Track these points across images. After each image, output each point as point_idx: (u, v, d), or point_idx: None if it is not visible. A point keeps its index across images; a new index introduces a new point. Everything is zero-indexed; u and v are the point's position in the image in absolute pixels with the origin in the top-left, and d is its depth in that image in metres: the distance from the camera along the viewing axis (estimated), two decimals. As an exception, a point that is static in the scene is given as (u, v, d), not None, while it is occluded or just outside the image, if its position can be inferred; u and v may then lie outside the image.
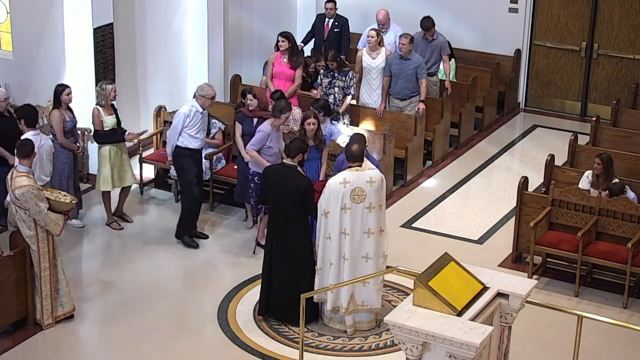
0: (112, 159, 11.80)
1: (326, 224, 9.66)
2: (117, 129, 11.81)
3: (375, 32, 13.92)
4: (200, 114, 11.48)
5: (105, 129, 11.71)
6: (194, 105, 11.48)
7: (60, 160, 11.48)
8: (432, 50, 14.59)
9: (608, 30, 15.72)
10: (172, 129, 11.54)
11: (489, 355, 7.72)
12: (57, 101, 11.61)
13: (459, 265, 7.69)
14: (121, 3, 13.38)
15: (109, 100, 11.74)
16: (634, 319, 10.23)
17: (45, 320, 9.87)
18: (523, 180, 11.40)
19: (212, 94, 11.50)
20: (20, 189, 9.46)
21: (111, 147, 11.79)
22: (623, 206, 10.83)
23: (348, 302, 9.74)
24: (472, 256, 11.24)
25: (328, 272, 9.72)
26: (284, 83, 13.41)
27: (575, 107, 16.23)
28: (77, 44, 12.89)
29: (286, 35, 13.50)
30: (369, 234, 9.60)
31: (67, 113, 11.64)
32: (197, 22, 14.47)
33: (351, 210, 9.53)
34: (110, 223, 12.05)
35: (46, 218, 9.54)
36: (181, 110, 11.53)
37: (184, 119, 11.39)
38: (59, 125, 11.51)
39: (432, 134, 14.09)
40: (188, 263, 11.41)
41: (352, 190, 9.51)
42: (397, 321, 7.21)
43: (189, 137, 11.46)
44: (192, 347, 9.77)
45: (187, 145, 11.48)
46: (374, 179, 9.58)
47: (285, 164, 10.06)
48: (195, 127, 11.46)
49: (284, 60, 13.49)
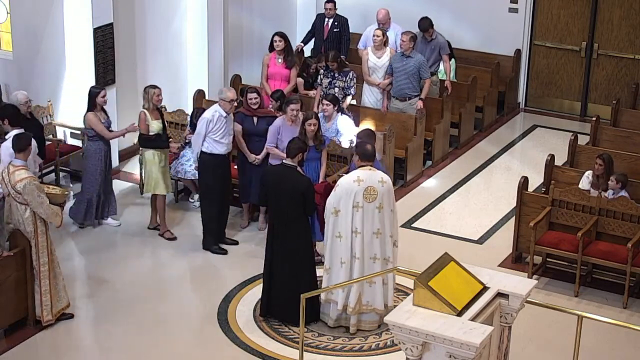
0: (158, 163, 11.73)
1: (335, 223, 9.65)
2: (162, 135, 11.72)
3: (381, 32, 13.94)
4: (225, 118, 11.28)
5: (150, 134, 11.66)
6: (218, 110, 11.29)
7: (92, 160, 11.56)
8: (432, 50, 14.60)
9: (608, 30, 15.72)
10: (196, 135, 11.39)
11: (489, 355, 7.72)
12: (91, 103, 11.57)
13: (459, 265, 7.69)
14: (121, 3, 13.39)
15: (154, 104, 11.65)
16: (634, 319, 10.23)
17: (45, 317, 9.86)
18: (523, 180, 11.41)
19: (230, 97, 11.26)
20: (22, 182, 9.46)
21: (155, 152, 11.70)
22: (623, 206, 10.83)
23: (356, 301, 9.75)
24: (472, 256, 11.24)
25: (338, 271, 9.71)
26: (279, 84, 13.43)
27: (575, 107, 16.23)
28: (77, 44, 12.89)
29: (282, 35, 13.52)
30: (377, 235, 9.60)
31: (101, 114, 11.67)
32: (197, 22, 14.47)
33: (363, 209, 9.53)
34: (163, 233, 11.89)
35: (48, 209, 9.55)
36: (204, 115, 11.37)
37: (206, 124, 11.23)
38: (99, 125, 11.55)
39: (432, 134, 14.09)
40: (188, 263, 11.41)
41: (365, 188, 9.51)
42: (397, 321, 7.21)
43: (214, 142, 11.29)
44: (192, 347, 9.77)
45: (212, 151, 11.31)
46: (384, 180, 9.61)
47: (285, 164, 10.06)
48: (220, 131, 11.27)
49: (279, 60, 13.50)
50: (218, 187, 11.42)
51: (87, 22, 12.72)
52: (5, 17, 13.51)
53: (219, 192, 11.45)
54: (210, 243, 11.55)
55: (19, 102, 11.63)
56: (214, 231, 11.57)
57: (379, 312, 9.85)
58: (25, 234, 9.64)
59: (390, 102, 13.94)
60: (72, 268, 11.03)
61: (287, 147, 10.14)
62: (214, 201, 11.44)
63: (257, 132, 11.71)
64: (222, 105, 11.30)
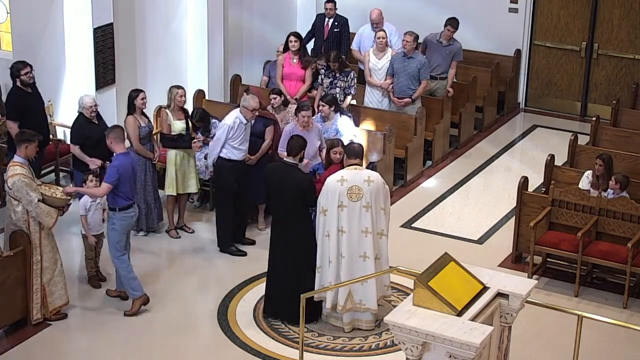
0: (178, 164, 11.68)
1: (324, 222, 9.68)
2: (185, 135, 11.69)
3: (384, 33, 13.94)
4: (244, 125, 11.26)
5: (172, 134, 11.64)
6: (238, 117, 11.24)
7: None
8: (446, 55, 14.47)
9: (608, 30, 15.72)
10: (215, 141, 11.33)
11: (489, 355, 7.73)
12: (131, 107, 11.47)
13: (459, 265, 7.69)
14: (121, 3, 13.38)
15: (177, 103, 11.62)
16: (634, 319, 10.23)
17: (34, 315, 9.85)
18: (523, 180, 11.41)
19: (252, 106, 11.19)
20: (12, 178, 9.49)
21: (177, 152, 11.66)
22: (623, 206, 10.83)
23: (345, 300, 9.75)
24: (472, 256, 11.24)
25: (327, 270, 9.74)
26: (295, 84, 13.44)
27: (575, 107, 16.23)
28: (77, 44, 12.89)
29: (298, 35, 13.54)
30: (366, 233, 9.61)
31: (142, 119, 11.51)
32: (197, 22, 14.47)
33: (348, 208, 9.55)
34: (169, 231, 11.92)
35: (37, 209, 9.54)
36: (225, 122, 11.31)
37: (227, 131, 11.19)
38: (134, 131, 11.38)
39: (432, 134, 14.09)
40: (188, 262, 11.41)
41: (349, 188, 9.53)
42: (397, 321, 7.21)
43: (232, 149, 11.26)
44: (192, 347, 9.77)
45: (229, 157, 11.28)
46: (372, 179, 9.59)
47: (286, 162, 10.09)
48: (239, 138, 11.24)
49: (294, 60, 13.51)
50: (234, 191, 11.38)
51: (87, 22, 12.72)
52: (5, 17, 13.51)
53: (235, 195, 11.41)
54: (227, 245, 11.53)
55: (84, 106, 11.39)
56: (230, 233, 11.54)
57: (374, 312, 9.86)
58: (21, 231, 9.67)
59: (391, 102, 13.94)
60: (72, 267, 11.01)
61: (287, 145, 10.17)
62: (229, 204, 11.42)
63: (253, 132, 11.69)
64: (243, 113, 11.24)
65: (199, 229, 12.12)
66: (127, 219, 10.10)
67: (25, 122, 11.25)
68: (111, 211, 10.10)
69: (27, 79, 11.62)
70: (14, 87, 11.70)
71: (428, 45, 14.57)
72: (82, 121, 11.42)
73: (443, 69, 14.45)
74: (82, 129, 11.36)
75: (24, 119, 11.38)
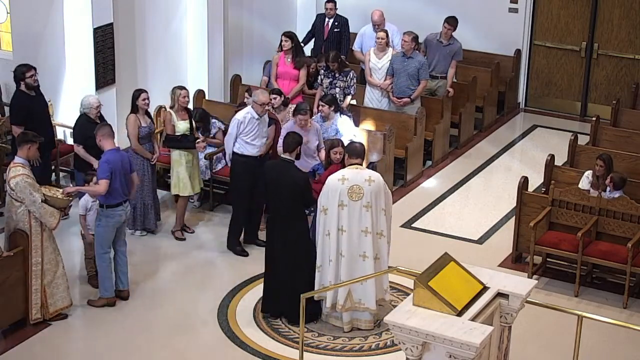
0: (185, 164, 11.68)
1: (325, 221, 9.68)
2: (189, 135, 11.67)
3: (385, 33, 13.95)
4: (257, 120, 11.23)
5: (176, 134, 11.63)
6: (250, 112, 11.25)
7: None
8: (446, 55, 14.48)
9: (608, 30, 15.72)
10: (228, 136, 11.40)
11: (489, 355, 7.73)
12: (134, 106, 11.46)
13: (459, 265, 7.69)
14: (121, 3, 13.39)
15: (180, 104, 11.62)
16: (634, 319, 10.23)
17: (33, 315, 9.85)
18: (523, 180, 11.41)
19: (262, 100, 11.20)
20: (15, 179, 9.48)
21: (181, 152, 11.65)
22: (623, 206, 10.83)
23: (345, 299, 9.75)
24: (472, 256, 11.24)
25: (327, 269, 9.74)
26: (288, 83, 13.44)
27: (575, 107, 16.23)
28: (77, 44, 12.90)
29: (289, 34, 13.52)
30: (366, 233, 9.61)
31: (143, 118, 11.51)
32: (197, 22, 14.48)
33: (348, 208, 9.55)
34: (175, 231, 11.90)
35: (41, 209, 9.55)
36: (236, 116, 11.34)
37: (237, 126, 11.21)
38: (134, 130, 11.38)
39: (432, 134, 14.09)
40: (189, 262, 11.41)
41: (349, 187, 9.53)
42: (397, 321, 7.21)
43: (245, 144, 11.25)
44: (192, 347, 9.77)
45: (243, 152, 11.27)
46: (372, 178, 9.60)
47: (283, 159, 10.11)
48: (252, 133, 11.23)
49: (288, 60, 13.51)
50: (248, 189, 11.36)
51: (87, 22, 12.73)
52: (5, 17, 13.52)
53: (249, 193, 11.39)
54: (233, 244, 11.52)
55: (90, 106, 11.36)
56: (239, 232, 11.54)
57: (373, 312, 9.86)
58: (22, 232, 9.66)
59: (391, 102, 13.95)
60: (72, 267, 11.01)
61: (283, 141, 10.21)
62: (242, 203, 11.42)
63: None
64: (254, 108, 11.26)
65: (199, 229, 12.12)
66: (114, 217, 10.10)
67: (30, 125, 11.23)
68: (100, 207, 10.15)
69: (32, 82, 11.59)
70: (18, 91, 11.65)
71: (428, 45, 14.59)
72: (84, 121, 11.42)
73: (444, 68, 14.47)
74: (84, 129, 11.36)
75: (29, 123, 11.36)
